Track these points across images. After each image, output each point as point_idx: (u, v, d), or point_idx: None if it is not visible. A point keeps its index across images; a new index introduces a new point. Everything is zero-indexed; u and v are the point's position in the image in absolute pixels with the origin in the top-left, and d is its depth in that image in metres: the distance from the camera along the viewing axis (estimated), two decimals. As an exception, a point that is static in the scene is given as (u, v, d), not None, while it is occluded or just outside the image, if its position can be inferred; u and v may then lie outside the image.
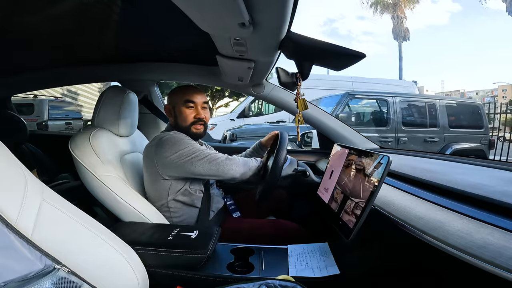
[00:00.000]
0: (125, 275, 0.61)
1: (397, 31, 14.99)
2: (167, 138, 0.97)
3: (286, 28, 0.65)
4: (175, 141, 0.95)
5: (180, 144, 0.95)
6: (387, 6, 14.90)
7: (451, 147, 4.07)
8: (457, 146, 4.09)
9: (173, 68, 1.39)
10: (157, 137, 1.01)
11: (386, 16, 15.21)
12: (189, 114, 1.04)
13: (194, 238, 0.81)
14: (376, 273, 0.72)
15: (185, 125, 1.05)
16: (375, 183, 0.63)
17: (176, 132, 1.02)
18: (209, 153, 0.97)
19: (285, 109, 1.42)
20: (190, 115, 1.04)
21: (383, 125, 3.97)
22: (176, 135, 0.98)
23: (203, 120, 1.06)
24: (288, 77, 0.97)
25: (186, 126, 1.04)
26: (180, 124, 1.05)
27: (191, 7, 0.55)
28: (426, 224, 0.52)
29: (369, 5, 15.24)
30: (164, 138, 0.97)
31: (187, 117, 1.04)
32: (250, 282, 0.58)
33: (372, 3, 15.15)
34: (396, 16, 14.84)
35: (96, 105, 1.08)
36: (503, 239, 0.41)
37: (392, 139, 3.83)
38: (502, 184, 0.66)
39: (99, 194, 0.95)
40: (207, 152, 0.97)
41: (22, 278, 0.39)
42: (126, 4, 0.79)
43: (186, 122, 1.04)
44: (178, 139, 0.96)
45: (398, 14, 14.77)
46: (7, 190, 0.45)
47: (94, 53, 1.27)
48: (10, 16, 0.80)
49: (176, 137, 0.97)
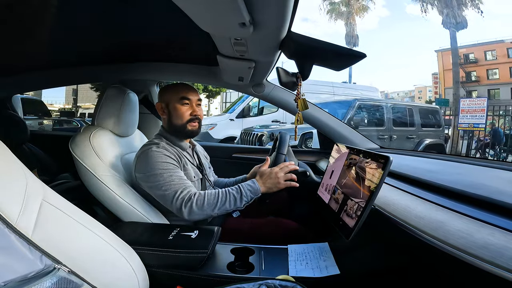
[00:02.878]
0: (125, 275, 0.61)
1: (349, 38, 16.56)
2: (142, 154, 0.95)
3: (287, 28, 0.65)
4: (145, 160, 0.93)
5: (148, 164, 0.92)
6: (341, 14, 16.49)
7: (424, 142, 5.22)
8: (427, 141, 5.23)
9: (173, 68, 1.39)
10: (143, 147, 0.99)
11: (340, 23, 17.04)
12: (185, 111, 1.01)
13: (194, 238, 0.81)
14: (376, 273, 0.72)
15: (180, 123, 1.02)
16: (375, 183, 0.63)
17: (158, 147, 0.96)
18: (170, 184, 0.89)
19: (286, 109, 1.42)
20: (186, 112, 1.01)
21: (381, 126, 5.08)
22: (152, 153, 0.93)
23: (199, 117, 1.04)
24: (288, 77, 0.97)
25: (182, 124, 1.02)
26: (175, 122, 1.02)
27: (191, 7, 0.55)
28: (426, 224, 0.52)
29: (326, 12, 16.84)
30: (141, 155, 0.95)
31: (183, 114, 1.01)
32: (250, 282, 0.58)
33: (328, 10, 16.73)
34: (349, 23, 16.45)
35: (96, 105, 1.08)
36: (503, 239, 0.41)
37: (387, 136, 4.97)
38: (502, 184, 0.66)
39: (99, 194, 0.95)
40: (170, 180, 0.90)
41: (22, 278, 0.39)
42: (127, 4, 0.79)
43: (182, 119, 1.01)
44: (150, 159, 0.92)
45: (351, 22, 16.42)
46: (8, 190, 0.45)
47: (94, 53, 1.27)
48: (9, 13, 0.80)
49: (148, 157, 0.93)
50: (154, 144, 0.98)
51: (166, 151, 0.96)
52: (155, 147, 0.96)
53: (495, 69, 20.32)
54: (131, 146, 1.15)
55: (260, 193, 0.91)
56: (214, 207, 0.88)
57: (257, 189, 0.91)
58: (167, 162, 0.94)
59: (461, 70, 20.00)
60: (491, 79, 20.49)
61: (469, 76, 21.28)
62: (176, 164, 0.96)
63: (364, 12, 16.36)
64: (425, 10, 14.78)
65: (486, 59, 20.78)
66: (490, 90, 20.23)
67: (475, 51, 21.25)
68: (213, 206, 0.88)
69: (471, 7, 14.21)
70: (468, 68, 21.28)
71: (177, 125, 1.02)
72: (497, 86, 20.07)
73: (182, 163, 1.00)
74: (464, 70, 21.07)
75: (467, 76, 21.29)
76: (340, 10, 16.34)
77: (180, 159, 0.99)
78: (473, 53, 21.33)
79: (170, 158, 0.95)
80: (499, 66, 20.06)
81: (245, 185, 0.92)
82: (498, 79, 20.12)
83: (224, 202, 0.89)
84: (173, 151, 0.98)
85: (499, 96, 19.45)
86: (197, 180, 1.04)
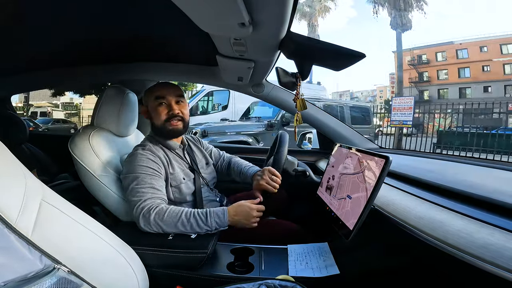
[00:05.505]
0: (125, 275, 0.61)
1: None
2: (129, 156, 0.95)
3: (286, 28, 0.65)
4: (128, 161, 0.93)
5: (129, 165, 0.92)
6: (305, 14, 16.81)
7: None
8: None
9: (172, 68, 1.38)
10: (134, 148, 0.98)
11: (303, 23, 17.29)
12: (161, 111, 0.98)
13: (194, 238, 0.81)
14: (376, 273, 0.72)
15: (160, 124, 0.98)
16: (375, 183, 0.63)
17: (144, 149, 0.95)
18: (138, 190, 0.86)
19: (285, 108, 1.42)
20: (162, 112, 0.98)
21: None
22: (136, 155, 0.93)
23: (179, 115, 0.99)
24: (288, 77, 0.97)
25: (161, 125, 0.98)
26: (156, 123, 0.99)
27: (191, 7, 0.55)
28: (426, 224, 0.52)
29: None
30: (129, 156, 0.95)
31: (160, 114, 0.98)
32: (250, 282, 0.58)
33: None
34: (311, 24, 16.90)
35: (95, 104, 1.08)
36: (503, 239, 0.41)
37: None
38: (502, 184, 0.66)
39: (98, 194, 0.95)
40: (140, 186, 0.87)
41: (22, 278, 0.39)
42: (126, 4, 0.79)
43: (160, 120, 0.98)
44: (133, 161, 0.92)
45: (313, 22, 16.87)
46: (7, 190, 0.45)
47: (93, 53, 1.27)
48: (10, 14, 0.80)
49: (131, 158, 0.93)
50: (141, 146, 0.97)
51: (151, 154, 0.94)
52: (140, 149, 0.94)
53: (445, 69, 21.68)
54: (131, 146, 1.14)
55: (227, 227, 0.86)
56: (173, 225, 0.82)
57: (224, 223, 0.85)
58: (148, 166, 0.91)
59: (414, 70, 22.92)
60: (441, 80, 21.92)
61: (422, 77, 22.72)
62: (158, 170, 0.93)
63: (326, 13, 16.88)
64: (376, 11, 15.47)
65: (437, 60, 22.14)
66: (440, 89, 21.99)
67: (428, 52, 22.56)
68: (172, 224, 0.82)
69: (416, 8, 14.99)
70: (421, 68, 22.72)
71: (158, 126, 0.99)
72: (446, 86, 21.53)
73: (169, 165, 0.98)
74: (417, 70, 22.71)
75: (419, 76, 22.79)
76: (304, 11, 16.69)
77: (167, 161, 0.98)
78: (425, 54, 22.63)
79: (152, 162, 0.93)
80: (448, 67, 21.43)
81: (214, 215, 0.84)
82: (447, 79, 21.54)
83: (185, 224, 0.82)
84: (159, 154, 0.96)
85: (448, 96, 20.88)
86: (188, 180, 1.01)
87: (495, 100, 5.58)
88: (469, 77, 20.33)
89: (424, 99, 21.42)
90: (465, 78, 20.56)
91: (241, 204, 0.89)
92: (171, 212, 0.83)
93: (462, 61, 20.65)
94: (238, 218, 0.86)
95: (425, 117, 6.73)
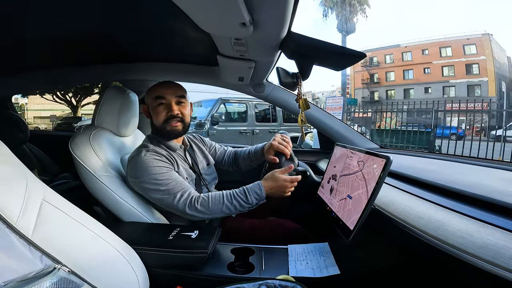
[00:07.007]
0: (125, 275, 0.61)
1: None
2: (133, 159, 0.94)
3: (287, 28, 0.65)
4: (137, 166, 0.92)
5: (141, 170, 0.91)
6: None
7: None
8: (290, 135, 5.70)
9: (173, 68, 1.38)
10: (133, 151, 0.98)
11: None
12: (161, 111, 0.97)
13: (194, 238, 0.81)
14: (376, 273, 0.72)
15: (159, 124, 0.98)
16: (375, 183, 0.63)
17: (148, 151, 0.94)
18: (168, 188, 0.88)
19: (286, 108, 1.42)
20: (161, 112, 0.97)
21: (244, 121, 5.60)
22: (143, 158, 0.91)
23: (178, 116, 0.98)
24: (288, 77, 0.97)
25: (160, 125, 0.98)
26: (156, 124, 0.99)
27: (191, 7, 0.55)
28: (426, 224, 0.52)
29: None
30: (132, 159, 0.94)
31: (159, 114, 0.97)
32: (250, 282, 0.58)
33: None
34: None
35: (96, 105, 1.08)
36: (503, 239, 0.41)
37: (249, 131, 5.50)
38: (502, 184, 0.66)
39: (99, 194, 0.95)
40: (167, 183, 0.89)
41: (22, 278, 0.39)
42: (127, 3, 0.79)
43: (159, 120, 0.97)
44: (140, 164, 0.91)
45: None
46: (8, 190, 0.45)
47: (94, 53, 1.27)
48: (10, 16, 0.80)
49: (139, 162, 0.91)
50: (144, 147, 0.96)
51: (156, 155, 0.94)
52: (144, 151, 0.94)
53: (392, 71, 23.50)
54: (131, 146, 1.15)
55: (265, 200, 0.90)
56: (219, 211, 0.87)
57: (262, 197, 0.89)
58: (159, 166, 0.92)
59: (366, 72, 24.99)
60: (389, 81, 23.73)
61: (372, 78, 24.49)
62: (169, 165, 0.94)
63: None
64: (326, 14, 16.24)
65: (386, 62, 23.88)
66: (388, 90, 24.02)
67: (378, 54, 24.15)
68: (218, 211, 0.87)
69: (360, 11, 15.86)
70: (372, 70, 24.39)
71: (158, 127, 0.99)
72: (393, 87, 23.30)
73: (175, 163, 0.98)
74: (369, 72, 24.40)
75: (371, 78, 24.57)
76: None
77: (172, 159, 0.98)
78: (376, 57, 24.24)
79: (161, 161, 0.93)
80: (395, 69, 23.23)
81: (252, 192, 0.88)
82: (394, 81, 23.36)
83: (230, 208, 0.87)
84: (163, 153, 0.96)
85: (395, 96, 22.61)
86: (190, 180, 1.02)
87: (433, 100, 5.90)
88: (413, 79, 22.20)
89: (375, 100, 23.26)
90: (409, 79, 22.50)
91: (275, 178, 0.91)
92: (214, 200, 0.88)
93: (407, 64, 22.50)
94: (273, 191, 0.91)
95: (376, 117, 6.98)
